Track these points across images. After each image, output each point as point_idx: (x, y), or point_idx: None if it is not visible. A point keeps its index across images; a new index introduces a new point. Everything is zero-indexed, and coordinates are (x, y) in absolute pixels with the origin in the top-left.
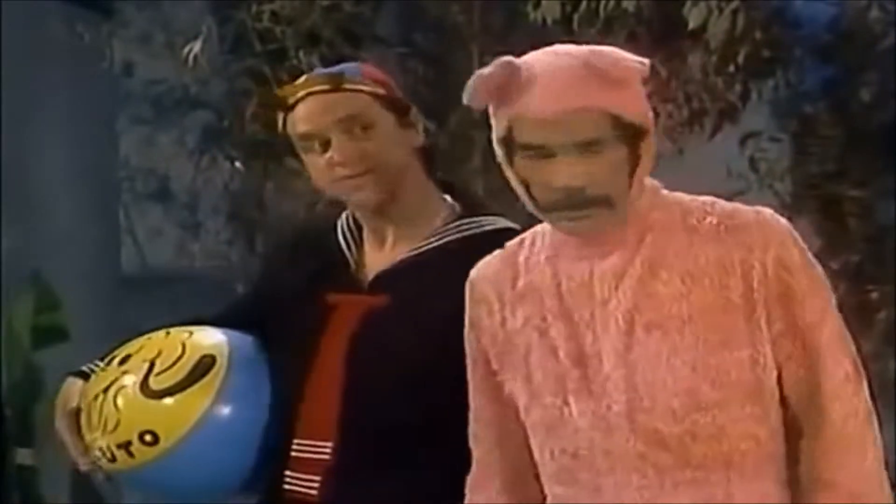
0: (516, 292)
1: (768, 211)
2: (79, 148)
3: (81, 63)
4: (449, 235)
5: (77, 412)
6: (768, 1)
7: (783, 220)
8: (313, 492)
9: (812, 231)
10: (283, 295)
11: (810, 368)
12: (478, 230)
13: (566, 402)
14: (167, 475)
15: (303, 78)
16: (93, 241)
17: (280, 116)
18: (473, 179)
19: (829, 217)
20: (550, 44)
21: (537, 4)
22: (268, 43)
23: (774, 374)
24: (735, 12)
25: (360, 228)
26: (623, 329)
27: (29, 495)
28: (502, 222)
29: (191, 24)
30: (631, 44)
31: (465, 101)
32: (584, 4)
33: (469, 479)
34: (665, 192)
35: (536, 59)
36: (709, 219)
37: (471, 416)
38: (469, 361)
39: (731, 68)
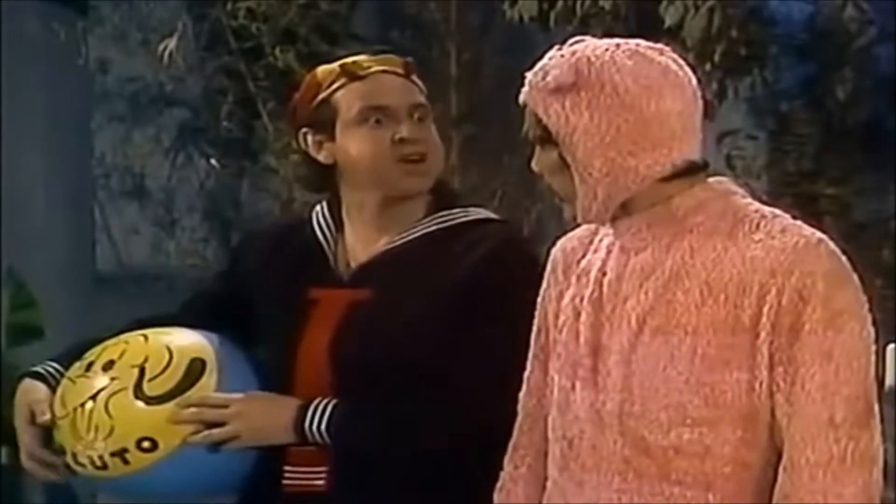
0: (578, 269)
1: (817, 238)
2: (54, 145)
3: (57, 60)
4: (430, 226)
5: (48, 423)
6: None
7: (829, 251)
8: (320, 482)
9: None
10: (260, 291)
11: (793, 406)
12: (459, 219)
13: (573, 388)
14: (159, 480)
15: (364, 55)
16: (68, 239)
17: (327, 84)
18: (450, 177)
19: (805, 215)
20: (527, 42)
21: (514, 2)
22: (244, 41)
23: (770, 401)
24: (711, 10)
25: (335, 221)
26: (633, 329)
27: (6, 494)
28: (483, 212)
29: (166, 21)
30: None
31: None
32: (560, 2)
33: (509, 446)
34: (736, 198)
35: None
36: (756, 234)
37: (524, 383)
38: (534, 329)
39: (708, 66)
